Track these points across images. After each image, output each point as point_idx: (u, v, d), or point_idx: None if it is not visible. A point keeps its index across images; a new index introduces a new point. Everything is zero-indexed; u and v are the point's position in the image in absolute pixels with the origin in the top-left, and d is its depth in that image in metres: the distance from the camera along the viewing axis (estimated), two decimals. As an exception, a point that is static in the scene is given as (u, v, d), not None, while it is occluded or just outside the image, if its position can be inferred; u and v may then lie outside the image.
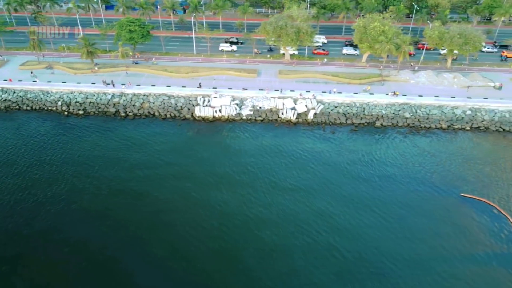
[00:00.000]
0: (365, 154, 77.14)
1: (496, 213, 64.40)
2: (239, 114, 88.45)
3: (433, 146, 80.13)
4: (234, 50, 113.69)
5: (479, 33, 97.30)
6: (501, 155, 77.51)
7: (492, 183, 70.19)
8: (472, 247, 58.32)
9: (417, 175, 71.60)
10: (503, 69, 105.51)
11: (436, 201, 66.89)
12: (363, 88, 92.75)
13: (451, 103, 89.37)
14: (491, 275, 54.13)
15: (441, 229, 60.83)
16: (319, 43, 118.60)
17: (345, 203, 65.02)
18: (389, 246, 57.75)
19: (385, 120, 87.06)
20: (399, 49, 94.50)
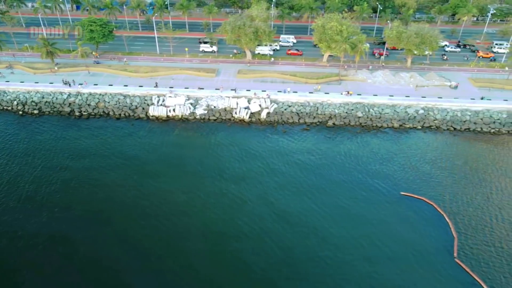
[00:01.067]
0: (313, 153, 77.44)
1: (434, 211, 64.50)
2: (193, 114, 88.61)
3: (382, 145, 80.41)
4: (215, 50, 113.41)
5: (436, 33, 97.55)
6: (446, 154, 77.82)
7: (434, 182, 70.53)
8: (406, 245, 58.54)
9: (361, 174, 71.97)
10: (462, 68, 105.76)
11: (376, 199, 67.24)
12: (314, 88, 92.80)
13: (404, 102, 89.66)
14: (423, 272, 54.48)
15: (377, 227, 61.12)
16: (289, 43, 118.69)
17: (287, 200, 65.61)
18: (322, 243, 58.19)
19: (338, 119, 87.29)
20: (355, 49, 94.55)
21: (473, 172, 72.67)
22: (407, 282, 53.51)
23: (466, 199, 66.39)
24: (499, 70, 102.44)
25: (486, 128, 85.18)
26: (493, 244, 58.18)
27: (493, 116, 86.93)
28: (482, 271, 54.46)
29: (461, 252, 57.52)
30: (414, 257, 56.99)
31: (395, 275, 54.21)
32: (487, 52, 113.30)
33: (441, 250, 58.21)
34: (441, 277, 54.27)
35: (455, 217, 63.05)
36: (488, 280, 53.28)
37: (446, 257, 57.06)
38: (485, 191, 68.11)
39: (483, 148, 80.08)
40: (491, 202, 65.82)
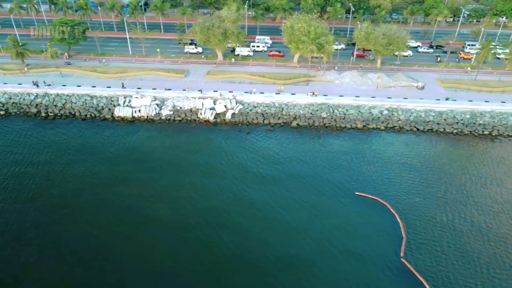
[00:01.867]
0: (273, 153, 77.82)
1: (387, 211, 64.84)
2: (159, 114, 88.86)
3: (343, 146, 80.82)
4: (200, 51, 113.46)
5: (403, 33, 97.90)
6: (405, 154, 78.18)
7: (390, 182, 70.95)
8: (355, 244, 59.04)
9: (318, 174, 72.45)
10: (431, 69, 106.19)
11: (331, 199, 67.56)
12: (277, 88, 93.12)
13: (369, 103, 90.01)
14: (367, 271, 55.05)
15: (329, 226, 61.63)
16: (268, 44, 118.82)
17: (243, 198, 66.31)
18: (276, 241, 58.83)
19: (302, 120, 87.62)
20: (322, 49, 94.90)
21: (430, 173, 73.12)
22: (350, 280, 53.81)
23: (419, 200, 66.84)
24: (468, 71, 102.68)
25: (448, 128, 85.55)
26: (440, 245, 58.69)
27: (457, 117, 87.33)
28: (427, 271, 54.93)
29: (408, 252, 57.86)
30: (361, 256, 57.49)
31: (340, 274, 54.63)
32: (468, 53, 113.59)
33: (388, 250, 58.63)
34: (385, 276, 54.77)
35: (407, 217, 63.52)
36: (431, 280, 53.59)
37: (392, 257, 57.37)
38: (439, 191, 68.59)
39: (443, 148, 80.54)
40: (444, 202, 66.27)
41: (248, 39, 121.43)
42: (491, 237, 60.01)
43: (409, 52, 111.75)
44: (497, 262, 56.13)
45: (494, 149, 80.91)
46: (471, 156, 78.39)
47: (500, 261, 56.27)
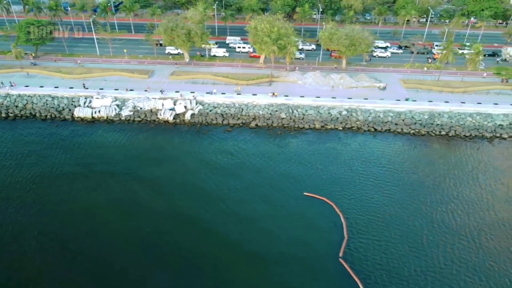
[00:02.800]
0: (227, 153, 78.07)
1: (332, 211, 65.04)
2: (119, 115, 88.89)
3: (298, 146, 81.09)
4: (181, 52, 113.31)
5: (366, 34, 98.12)
6: (359, 155, 78.36)
7: (339, 182, 71.12)
8: (297, 244, 59.19)
9: (270, 174, 72.65)
10: (397, 69, 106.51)
11: (280, 199, 67.78)
12: (233, 89, 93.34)
13: (329, 103, 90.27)
14: (305, 271, 55.25)
15: (274, 226, 61.76)
16: (241, 44, 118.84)
17: (193, 199, 66.70)
18: (221, 240, 59.06)
19: (261, 121, 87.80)
20: (283, 50, 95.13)
21: (381, 173, 73.29)
22: (287, 279, 53.97)
23: (366, 200, 67.04)
24: (432, 71, 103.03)
25: (406, 129, 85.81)
26: (381, 245, 58.70)
27: (415, 117, 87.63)
28: (364, 270, 54.94)
29: (348, 252, 57.94)
30: (302, 255, 57.51)
31: (278, 272, 54.73)
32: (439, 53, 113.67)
33: (329, 250, 58.78)
34: (321, 276, 55.07)
35: (351, 217, 63.76)
36: (367, 281, 53.62)
37: (331, 257, 57.48)
38: (388, 191, 68.70)
39: (397, 149, 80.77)
40: (392, 202, 66.26)
41: (220, 40, 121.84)
42: (434, 238, 59.89)
43: (387, 53, 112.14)
44: (435, 263, 56.15)
45: (449, 149, 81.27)
46: (424, 156, 78.70)
47: (439, 262, 56.28)
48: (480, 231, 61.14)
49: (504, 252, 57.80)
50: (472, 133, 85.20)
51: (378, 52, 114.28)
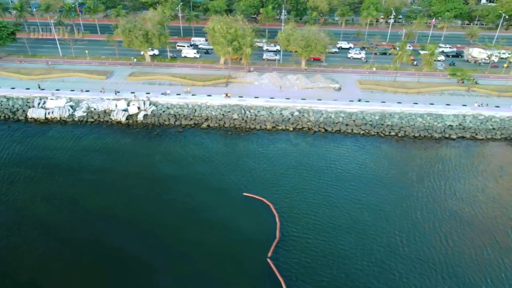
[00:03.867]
0: (174, 154, 78.34)
1: (269, 211, 65.31)
2: (72, 116, 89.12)
3: (246, 146, 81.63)
4: (156, 54, 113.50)
5: (322, 35, 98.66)
6: (304, 156, 78.65)
7: (281, 183, 71.34)
8: (230, 244, 59.46)
9: (212, 174, 72.94)
10: (356, 70, 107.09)
11: (220, 199, 68.10)
12: (183, 90, 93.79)
13: (281, 104, 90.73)
14: (233, 270, 55.63)
15: (210, 225, 62.12)
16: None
17: (127, 201, 66.80)
18: (155, 241, 59.25)
19: (213, 121, 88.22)
20: (239, 51, 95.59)
21: (324, 173, 73.51)
22: (214, 277, 54.28)
23: (305, 200, 67.21)
24: (390, 72, 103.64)
25: (356, 129, 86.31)
26: (311, 248, 58.56)
27: (366, 118, 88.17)
28: (291, 271, 55.01)
29: (277, 252, 58.14)
30: (231, 254, 57.69)
31: (206, 271, 55.01)
32: (410, 55, 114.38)
33: (259, 249, 58.73)
34: (246, 275, 55.37)
35: (287, 218, 63.89)
36: (292, 281, 53.82)
37: (260, 257, 57.61)
38: (327, 194, 68.62)
39: (344, 149, 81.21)
40: (329, 205, 66.16)
41: (185, 41, 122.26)
42: (367, 241, 59.97)
43: (362, 54, 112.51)
44: (363, 266, 56.13)
45: (396, 150, 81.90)
46: (370, 157, 79.11)
47: (367, 264, 56.47)
48: (416, 230, 61.55)
49: (437, 248, 58.28)
50: (421, 133, 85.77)
51: (353, 53, 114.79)
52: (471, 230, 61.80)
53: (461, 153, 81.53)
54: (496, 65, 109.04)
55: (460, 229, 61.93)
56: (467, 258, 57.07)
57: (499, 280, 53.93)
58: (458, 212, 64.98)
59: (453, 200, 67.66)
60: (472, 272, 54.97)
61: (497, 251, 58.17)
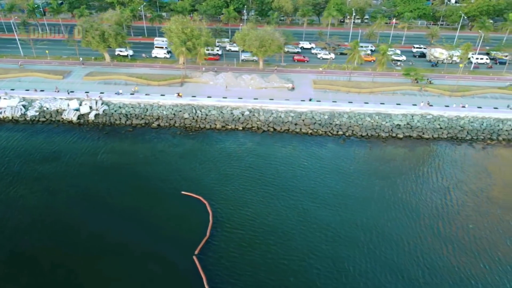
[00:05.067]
0: (119, 153, 79.06)
1: (204, 210, 65.91)
2: (24, 115, 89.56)
3: (193, 145, 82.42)
4: (130, 54, 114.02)
5: (276, 35, 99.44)
6: (248, 154, 79.30)
7: (222, 182, 71.85)
8: (161, 242, 59.87)
9: (153, 173, 73.47)
10: (313, 70, 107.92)
11: (158, 197, 68.69)
12: (132, 89, 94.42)
13: (233, 104, 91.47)
14: (159, 267, 56.07)
15: (143, 224, 62.58)
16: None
17: (70, 198, 67.44)
18: (87, 236, 60.32)
19: (164, 121, 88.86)
20: (193, 52, 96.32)
21: (266, 173, 73.91)
22: (138, 273, 55.02)
23: (243, 200, 67.53)
24: (347, 72, 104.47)
25: (305, 129, 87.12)
26: (240, 246, 59.09)
27: (315, 117, 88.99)
28: (216, 270, 55.52)
29: (206, 250, 58.70)
30: (160, 251, 58.12)
31: (131, 270, 55.57)
32: (369, 55, 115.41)
33: (187, 247, 59.21)
34: (171, 271, 55.64)
35: (220, 217, 64.51)
36: (215, 280, 54.30)
37: (187, 253, 58.09)
38: (266, 193, 69.08)
39: (290, 149, 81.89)
40: (266, 205, 66.64)
41: (148, 41, 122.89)
42: (300, 242, 60.42)
43: (331, 55, 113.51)
44: (292, 267, 56.58)
45: (341, 149, 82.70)
46: (313, 155, 79.62)
47: (291, 261, 57.23)
48: (347, 229, 62.41)
49: (371, 242, 59.18)
50: (369, 133, 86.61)
51: (322, 54, 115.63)
52: (414, 225, 62.89)
53: (406, 152, 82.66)
54: (477, 66, 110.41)
55: (402, 224, 62.94)
56: (402, 250, 57.98)
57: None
58: (396, 209, 66.00)
59: (393, 198, 68.56)
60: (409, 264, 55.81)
61: (438, 242, 59.71)
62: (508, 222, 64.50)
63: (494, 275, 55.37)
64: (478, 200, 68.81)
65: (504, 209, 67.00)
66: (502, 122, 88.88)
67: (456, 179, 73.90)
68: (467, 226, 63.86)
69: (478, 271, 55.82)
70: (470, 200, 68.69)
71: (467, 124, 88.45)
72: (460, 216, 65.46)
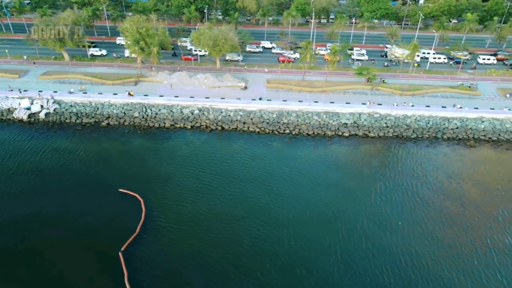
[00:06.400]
0: (61, 152, 79.41)
1: (139, 207, 66.58)
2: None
3: (138, 144, 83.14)
4: (104, 54, 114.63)
5: (230, 35, 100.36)
6: (192, 153, 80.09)
7: (159, 179, 72.61)
8: (93, 236, 60.90)
9: (94, 171, 74.19)
10: (272, 70, 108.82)
11: (96, 195, 69.27)
12: (78, 88, 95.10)
13: (183, 103, 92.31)
14: (88, 263, 56.91)
15: (78, 220, 63.39)
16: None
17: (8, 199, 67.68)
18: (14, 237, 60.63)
19: (114, 120, 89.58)
20: (146, 51, 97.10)
21: (207, 171, 74.58)
22: (62, 268, 55.97)
23: (177, 198, 68.15)
24: (303, 71, 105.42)
25: (252, 127, 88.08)
26: (167, 246, 59.53)
27: (264, 116, 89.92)
28: (140, 267, 56.08)
29: (133, 247, 59.34)
30: (87, 247, 58.98)
31: (54, 267, 56.36)
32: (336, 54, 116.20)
33: (116, 244, 59.87)
34: (95, 266, 56.44)
35: (154, 214, 65.17)
36: (136, 276, 54.87)
37: (113, 250, 58.69)
38: (204, 190, 69.85)
39: (236, 147, 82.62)
40: (203, 202, 67.37)
41: (111, 40, 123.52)
42: (232, 235, 61.42)
43: (295, 55, 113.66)
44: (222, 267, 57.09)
45: (286, 147, 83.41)
46: (257, 153, 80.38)
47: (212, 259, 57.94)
48: (278, 225, 63.33)
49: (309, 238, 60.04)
50: (315, 131, 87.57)
51: (287, 53, 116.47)
52: (353, 222, 64.05)
53: (350, 150, 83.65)
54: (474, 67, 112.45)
55: (338, 222, 64.13)
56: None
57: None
58: (332, 207, 67.13)
59: (330, 195, 69.70)
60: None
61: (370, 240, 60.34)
62: (447, 211, 65.65)
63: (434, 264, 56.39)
64: (421, 195, 70.13)
65: (449, 201, 68.85)
66: (448, 120, 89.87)
67: (396, 176, 74.94)
68: (397, 223, 64.58)
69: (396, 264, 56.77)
70: (408, 196, 69.85)
71: (413, 122, 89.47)
72: (396, 212, 66.45)
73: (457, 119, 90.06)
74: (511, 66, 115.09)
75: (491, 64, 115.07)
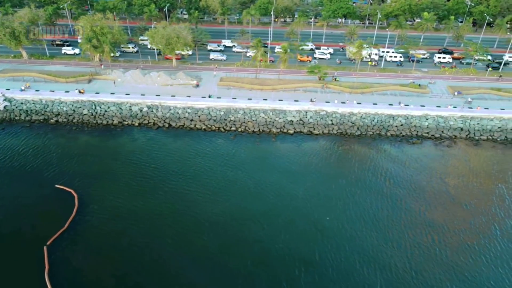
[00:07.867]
0: (4, 149, 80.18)
1: (73, 203, 67.60)
2: None
3: (83, 141, 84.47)
4: (77, 53, 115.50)
5: (183, 34, 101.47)
6: (137, 150, 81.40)
7: (93, 176, 73.59)
8: (21, 229, 62.63)
9: (33, 168, 75.25)
10: (228, 68, 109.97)
11: (33, 190, 70.30)
12: (24, 86, 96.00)
13: (133, 100, 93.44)
14: (19, 255, 57.94)
15: (18, 216, 64.61)
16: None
17: None
18: None
19: (63, 117, 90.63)
20: (98, 49, 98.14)
21: (146, 168, 76.00)
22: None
23: (113, 194, 69.32)
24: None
25: (199, 125, 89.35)
26: (95, 242, 60.79)
27: (211, 114, 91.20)
28: (61, 261, 57.19)
29: (59, 242, 60.35)
30: (15, 240, 60.50)
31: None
32: (306, 55, 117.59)
33: (43, 238, 60.84)
34: (19, 260, 57.22)
35: (85, 210, 66.26)
36: (55, 272, 55.80)
37: (39, 244, 59.66)
38: (137, 188, 70.88)
39: (180, 144, 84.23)
40: (134, 200, 68.15)
41: (73, 39, 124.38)
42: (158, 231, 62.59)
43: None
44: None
45: (230, 144, 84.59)
46: (199, 151, 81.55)
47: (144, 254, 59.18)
48: (219, 220, 64.63)
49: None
50: (261, 128, 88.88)
51: (251, 53, 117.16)
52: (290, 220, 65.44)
53: (293, 147, 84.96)
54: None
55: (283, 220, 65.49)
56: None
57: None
58: (276, 203, 68.82)
59: (270, 190, 71.27)
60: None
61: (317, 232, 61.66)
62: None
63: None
64: (356, 190, 71.92)
65: (384, 197, 70.71)
66: (393, 118, 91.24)
67: (337, 171, 77.09)
68: (325, 219, 65.88)
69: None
70: (347, 190, 71.86)
71: (359, 120, 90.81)
72: (339, 205, 68.39)
73: (402, 116, 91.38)
74: (468, 64, 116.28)
75: (446, 62, 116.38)
